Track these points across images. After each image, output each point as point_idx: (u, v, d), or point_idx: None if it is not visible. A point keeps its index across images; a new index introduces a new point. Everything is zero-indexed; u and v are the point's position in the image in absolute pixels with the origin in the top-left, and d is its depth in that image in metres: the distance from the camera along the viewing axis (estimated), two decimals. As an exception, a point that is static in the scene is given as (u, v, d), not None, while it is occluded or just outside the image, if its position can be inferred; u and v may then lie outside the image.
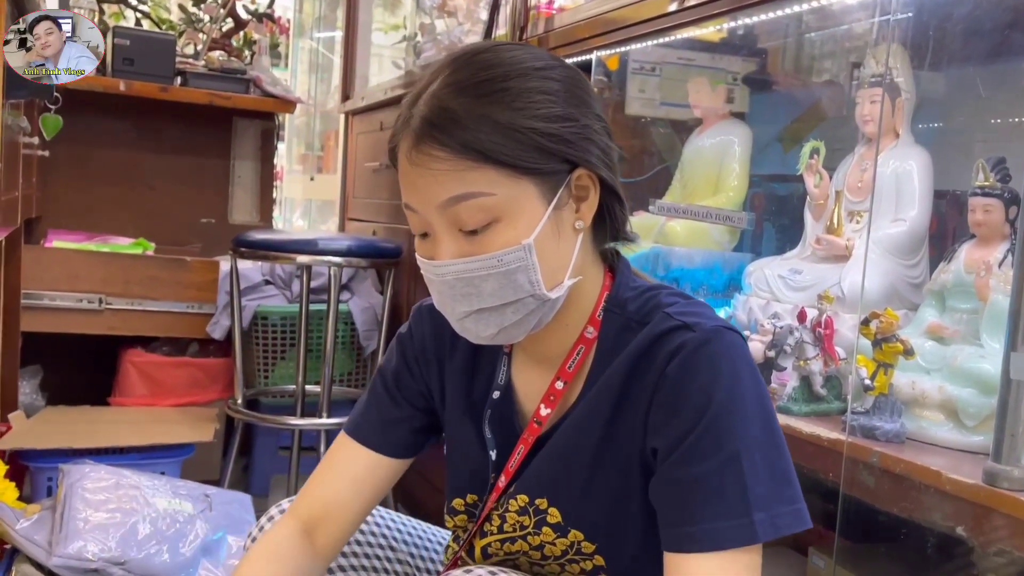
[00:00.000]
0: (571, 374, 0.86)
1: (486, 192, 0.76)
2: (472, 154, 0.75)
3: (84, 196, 2.75)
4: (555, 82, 0.79)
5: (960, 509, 0.93)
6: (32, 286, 2.24)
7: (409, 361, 0.97)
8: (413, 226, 0.82)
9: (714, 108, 1.71)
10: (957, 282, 1.14)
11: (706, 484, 0.74)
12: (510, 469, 0.89)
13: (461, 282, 0.79)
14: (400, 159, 0.80)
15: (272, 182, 3.07)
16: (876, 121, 1.31)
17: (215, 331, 2.41)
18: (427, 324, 0.97)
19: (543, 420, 0.87)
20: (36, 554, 1.42)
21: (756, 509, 0.73)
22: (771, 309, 1.35)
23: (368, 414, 0.98)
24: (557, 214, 0.79)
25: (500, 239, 0.77)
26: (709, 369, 0.76)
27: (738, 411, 0.75)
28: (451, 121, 0.75)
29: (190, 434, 2.13)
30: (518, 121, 0.76)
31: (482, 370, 0.94)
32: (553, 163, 0.78)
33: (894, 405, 1.08)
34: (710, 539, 0.73)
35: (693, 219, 1.56)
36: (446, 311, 0.83)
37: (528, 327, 0.82)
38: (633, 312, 0.85)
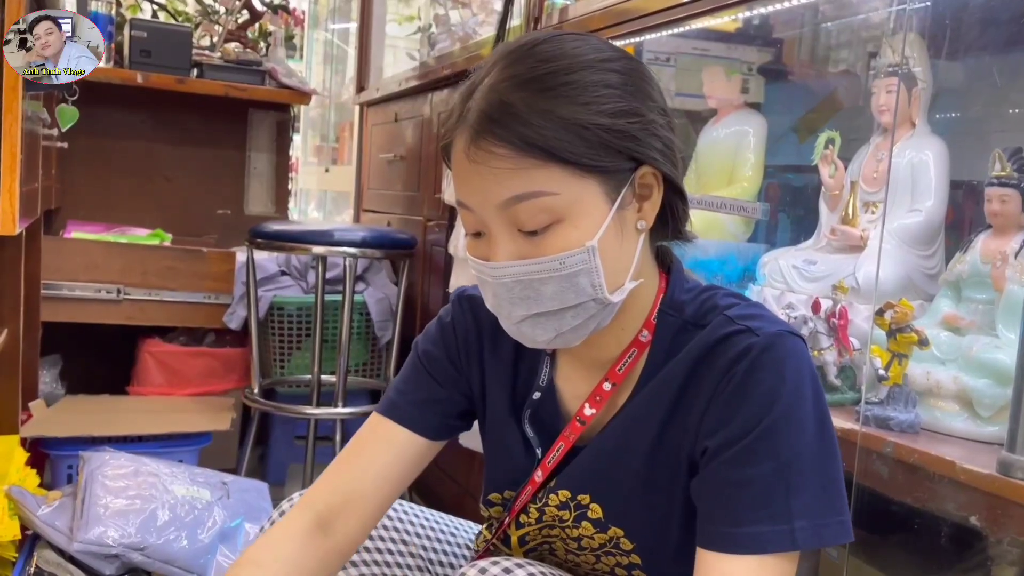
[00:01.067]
0: (621, 376, 0.84)
1: (549, 192, 0.73)
2: (536, 151, 0.71)
3: (102, 187, 2.77)
4: (619, 75, 0.75)
5: (974, 499, 0.93)
6: (51, 276, 2.27)
7: (450, 349, 0.94)
8: (467, 224, 0.79)
9: (729, 98, 1.71)
10: (973, 272, 1.13)
11: (754, 488, 0.73)
12: (547, 464, 0.88)
13: (520, 285, 0.76)
14: (455, 155, 0.77)
15: (287, 173, 3.09)
16: (892, 111, 1.31)
17: (232, 321, 2.43)
18: (469, 316, 0.94)
19: (587, 419, 0.86)
20: (57, 540, 1.44)
21: (798, 517, 0.72)
22: (785, 300, 1.35)
23: (405, 393, 0.94)
24: (620, 214, 0.76)
25: (562, 240, 0.74)
26: (773, 375, 0.74)
27: (796, 419, 0.74)
28: (512, 116, 0.72)
29: (207, 423, 2.15)
30: (583, 117, 0.72)
31: (524, 369, 0.91)
32: (618, 161, 0.75)
33: (908, 395, 1.08)
34: (750, 542, 0.73)
35: (707, 210, 1.56)
36: (501, 314, 0.80)
37: (586, 332, 0.79)
38: (690, 315, 0.82)
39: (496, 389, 0.92)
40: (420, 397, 0.94)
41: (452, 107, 0.78)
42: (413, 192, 2.54)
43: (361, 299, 2.45)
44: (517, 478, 0.91)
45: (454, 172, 0.78)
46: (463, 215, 0.79)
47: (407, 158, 2.61)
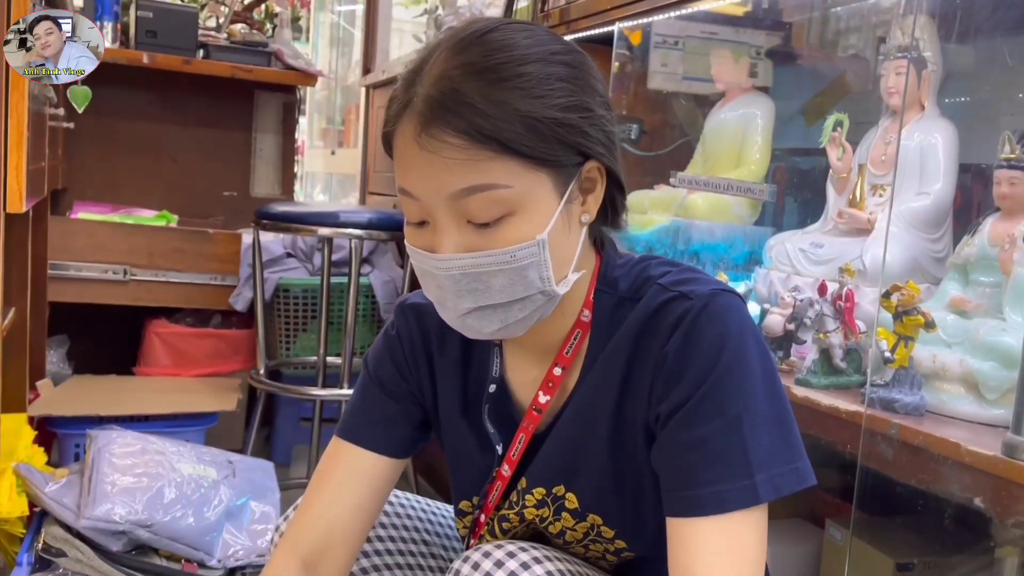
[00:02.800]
0: (569, 359, 0.84)
1: (503, 184, 0.72)
2: (490, 143, 0.70)
3: (109, 168, 2.78)
4: (568, 68, 0.75)
5: (978, 481, 0.94)
6: (58, 257, 2.28)
7: (399, 362, 0.93)
8: (409, 213, 0.77)
9: (737, 81, 1.70)
10: (981, 255, 1.13)
11: (708, 447, 0.74)
12: (512, 458, 0.88)
13: (468, 277, 0.75)
14: (400, 143, 0.75)
15: (293, 155, 3.09)
16: (901, 93, 1.30)
17: (238, 303, 2.44)
18: (413, 324, 0.93)
19: (543, 407, 0.86)
20: (65, 516, 1.46)
21: (758, 470, 0.73)
22: (792, 283, 1.35)
23: (362, 413, 0.93)
24: (568, 207, 0.76)
25: (513, 233, 0.73)
26: (712, 333, 0.75)
27: (740, 373, 0.74)
28: (467, 106, 0.70)
29: (213, 403, 2.16)
30: (538, 110, 0.71)
31: (474, 365, 0.91)
32: (568, 155, 0.75)
33: (914, 378, 1.08)
34: (713, 502, 0.73)
35: (714, 191, 1.55)
36: (446, 306, 0.78)
37: (531, 322, 0.79)
38: (625, 289, 0.83)
39: (448, 393, 0.91)
40: (376, 416, 0.93)
41: (394, 93, 0.77)
42: (419, 175, 2.53)
43: (367, 281, 2.45)
44: (481, 482, 0.91)
45: (398, 160, 0.76)
46: (405, 203, 0.77)
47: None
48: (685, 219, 1.62)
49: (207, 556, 1.49)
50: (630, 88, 1.92)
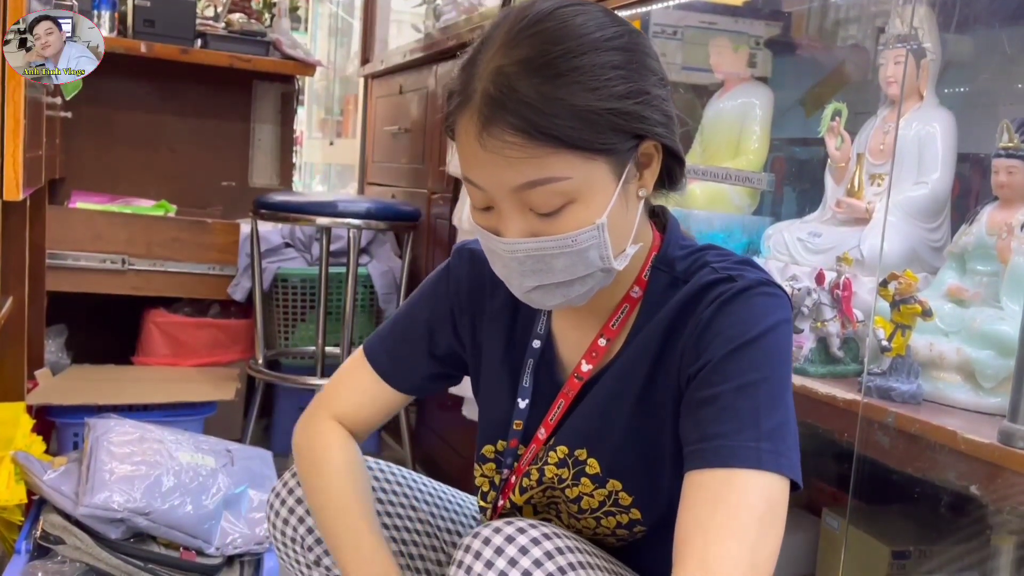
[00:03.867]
0: (615, 332, 0.87)
1: (562, 177, 0.74)
2: (549, 140, 0.73)
3: (107, 158, 2.77)
4: (623, 52, 0.76)
5: (975, 469, 0.94)
6: (57, 246, 2.27)
7: (442, 307, 0.98)
8: (475, 200, 0.81)
9: (736, 71, 1.70)
10: (978, 244, 1.13)
11: (721, 402, 0.76)
12: (550, 422, 0.90)
13: (531, 259, 0.78)
14: (462, 138, 0.78)
15: (292, 146, 3.08)
16: (900, 82, 1.30)
17: (236, 292, 2.44)
18: (465, 271, 0.97)
19: (584, 376, 0.88)
20: (63, 504, 1.46)
21: (766, 438, 0.74)
22: (789, 272, 1.35)
23: (386, 344, 1.00)
24: (625, 188, 0.79)
25: (574, 220, 0.76)
26: (746, 310, 0.78)
27: (766, 349, 0.77)
28: (524, 105, 0.72)
29: (212, 392, 2.17)
30: (594, 103, 0.73)
31: (521, 319, 0.94)
32: (625, 140, 0.77)
33: (911, 366, 1.08)
34: (718, 454, 0.74)
35: (712, 180, 1.55)
36: (512, 283, 0.82)
37: (590, 295, 0.82)
38: (680, 271, 0.85)
39: (491, 340, 0.95)
40: (398, 353, 1.00)
41: (454, 81, 0.79)
42: (418, 165, 2.54)
43: (365, 271, 2.45)
44: (501, 429, 0.94)
45: (461, 152, 0.79)
46: (471, 191, 0.80)
47: (412, 131, 2.60)
48: (683, 209, 1.62)
49: (205, 544, 1.49)
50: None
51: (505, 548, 0.78)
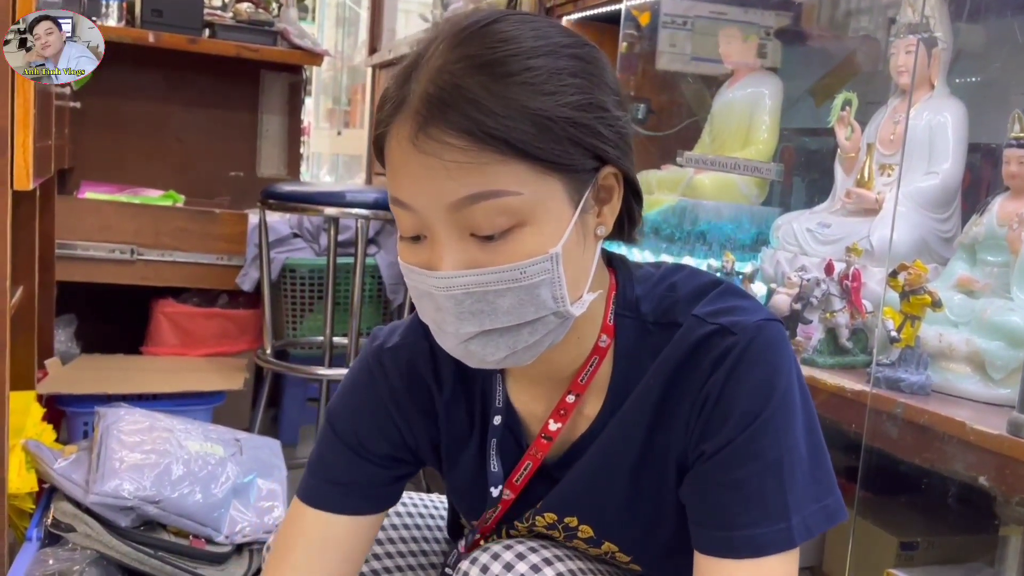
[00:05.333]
0: (584, 387, 0.77)
1: (511, 191, 0.64)
2: (497, 144, 0.62)
3: (115, 148, 2.77)
4: (581, 62, 0.67)
5: (983, 459, 0.94)
6: (66, 236, 2.28)
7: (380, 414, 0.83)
8: (403, 227, 0.69)
9: (745, 61, 1.69)
10: (989, 235, 1.13)
11: (747, 489, 0.70)
12: (515, 483, 0.81)
13: (471, 297, 0.66)
14: (393, 146, 0.67)
15: (299, 136, 3.08)
16: (911, 72, 1.29)
17: (244, 283, 2.44)
18: (394, 375, 0.83)
19: (552, 435, 0.79)
20: (74, 492, 1.47)
21: (794, 513, 0.70)
22: (798, 262, 1.34)
23: (326, 475, 0.84)
24: (583, 218, 0.69)
25: (522, 247, 0.65)
26: (758, 375, 0.71)
27: (784, 417, 0.71)
28: (469, 102, 0.62)
29: (220, 382, 2.17)
30: (550, 109, 0.64)
31: (475, 398, 0.83)
32: (583, 159, 0.67)
33: (920, 357, 1.08)
34: (748, 545, 0.70)
35: (721, 171, 1.55)
36: (446, 331, 0.69)
37: (541, 349, 0.71)
38: (649, 312, 0.76)
39: (448, 431, 0.84)
40: (347, 478, 0.83)
41: (385, 93, 0.69)
42: (425, 155, 2.53)
43: (373, 262, 2.45)
44: (480, 513, 0.85)
45: (391, 166, 0.68)
46: (399, 215, 0.68)
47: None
48: (692, 199, 1.62)
49: (215, 532, 1.50)
50: (638, 68, 1.91)
51: None
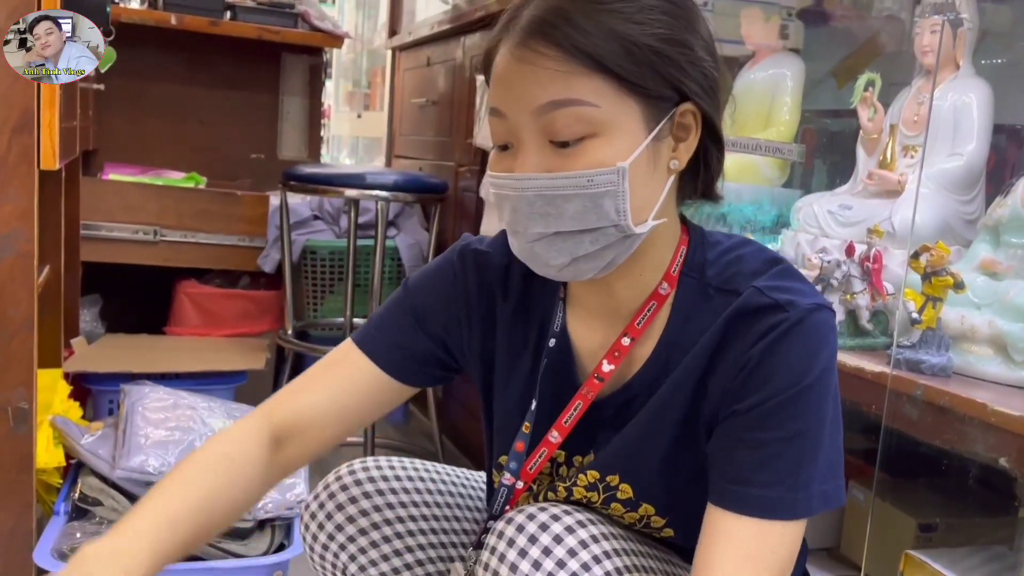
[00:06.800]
0: (640, 331, 0.81)
1: (590, 102, 0.71)
2: (584, 58, 0.70)
3: (138, 130, 2.80)
4: (674, 6, 0.74)
5: (1004, 441, 0.93)
6: (90, 217, 2.31)
7: (447, 303, 0.89)
8: (496, 135, 0.76)
9: (767, 42, 1.68)
10: (1013, 217, 1.12)
11: (770, 451, 0.73)
12: (563, 425, 0.84)
13: (542, 199, 0.73)
14: (498, 60, 0.75)
15: (320, 118, 3.09)
16: (935, 52, 1.28)
17: (265, 264, 2.46)
18: (471, 274, 0.89)
19: (605, 376, 0.82)
20: (100, 467, 1.50)
21: (805, 486, 0.73)
22: (819, 244, 1.34)
23: (386, 331, 0.90)
24: (655, 145, 0.74)
25: (594, 157, 0.71)
26: (800, 349, 0.74)
27: (818, 395, 0.73)
28: (565, 21, 0.71)
29: (242, 362, 2.20)
30: (635, 35, 0.71)
31: (534, 317, 0.87)
32: (663, 88, 0.73)
33: (941, 339, 1.08)
34: (757, 504, 0.72)
35: (742, 151, 1.54)
36: (517, 231, 0.76)
37: (602, 264, 0.75)
38: (712, 277, 0.80)
39: (504, 343, 0.88)
40: (399, 340, 0.89)
41: (504, 17, 0.77)
42: (445, 138, 2.54)
43: (393, 244, 2.46)
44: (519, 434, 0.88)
45: (494, 78, 0.76)
46: (494, 125, 0.76)
47: (439, 103, 2.60)
48: (712, 181, 1.61)
49: (237, 508, 1.52)
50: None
51: (539, 536, 0.76)
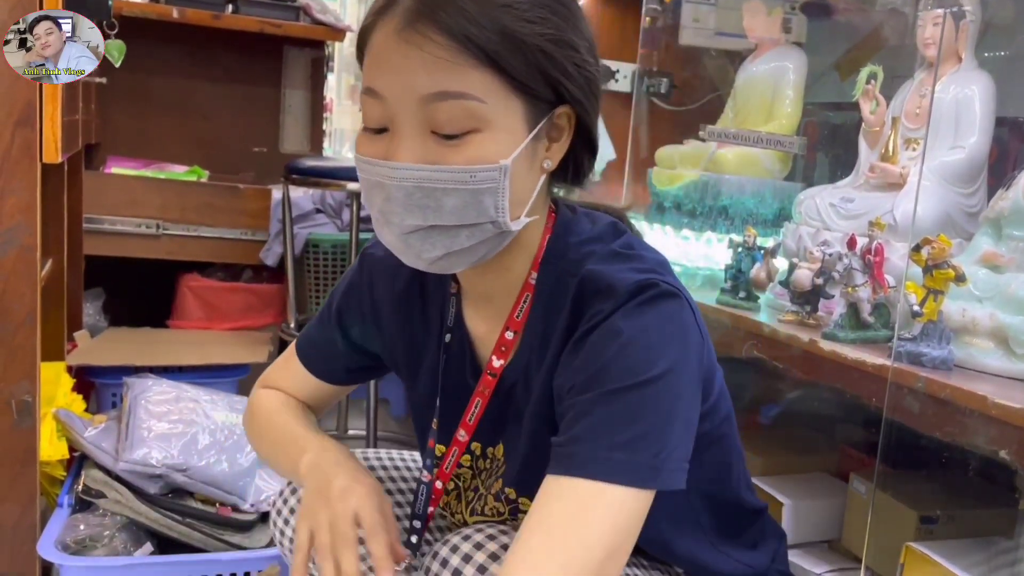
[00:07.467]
0: (520, 323, 0.82)
1: (478, 96, 0.70)
2: (476, 52, 0.69)
3: (140, 124, 2.80)
4: (561, 5, 0.74)
5: (1005, 434, 0.94)
6: (93, 211, 2.31)
7: (354, 307, 0.94)
8: (370, 117, 0.74)
9: (770, 35, 1.67)
10: (1015, 209, 1.11)
11: (578, 408, 0.71)
12: (468, 423, 0.86)
13: (421, 192, 0.71)
14: (379, 38, 0.72)
15: (322, 112, 3.09)
16: (938, 44, 1.28)
17: (268, 257, 2.47)
18: (370, 280, 0.93)
19: (497, 371, 0.84)
20: (104, 460, 1.50)
21: (619, 450, 0.68)
22: (821, 237, 1.34)
23: (312, 337, 0.99)
24: (533, 144, 0.74)
25: (476, 152, 0.71)
26: (626, 321, 0.72)
27: (645, 351, 0.71)
28: (460, 10, 0.68)
29: (245, 355, 2.20)
30: (527, 34, 0.70)
31: (432, 314, 0.89)
32: (546, 90, 0.73)
33: (943, 332, 1.08)
34: (566, 461, 0.69)
35: (744, 144, 1.54)
36: (391, 222, 0.74)
37: (474, 257, 0.76)
38: (569, 262, 0.79)
39: (405, 341, 0.92)
40: (324, 348, 0.98)
41: None
42: (447, 131, 2.53)
43: (395, 237, 2.46)
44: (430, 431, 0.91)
45: (372, 57, 0.73)
46: (368, 106, 0.74)
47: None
48: (714, 174, 1.61)
49: (241, 500, 1.53)
50: (660, 43, 1.90)
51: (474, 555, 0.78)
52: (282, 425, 0.96)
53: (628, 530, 0.69)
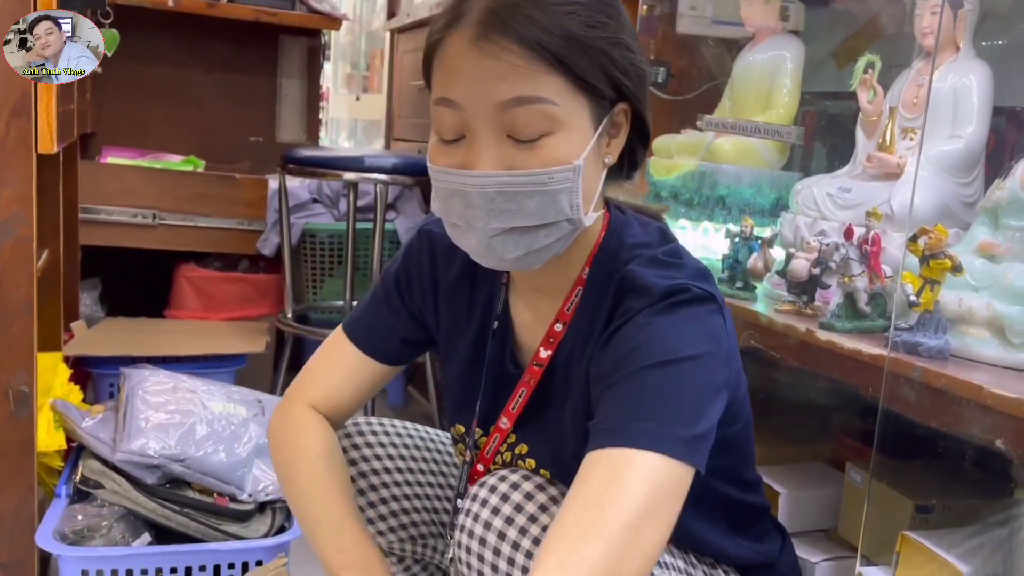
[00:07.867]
0: (569, 316, 0.85)
1: (552, 100, 0.74)
2: (548, 57, 0.73)
3: (136, 113, 2.79)
4: (610, 7, 0.78)
5: (1001, 423, 0.94)
6: (89, 201, 2.31)
7: (407, 281, 0.97)
8: (445, 127, 0.77)
9: (767, 23, 1.67)
10: (1012, 199, 1.11)
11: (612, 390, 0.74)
12: (511, 411, 0.89)
13: (503, 196, 0.74)
14: (451, 51, 0.75)
15: (319, 101, 3.08)
16: (935, 33, 1.27)
17: (265, 247, 2.47)
18: (427, 252, 0.95)
19: (543, 362, 0.87)
20: (101, 450, 1.50)
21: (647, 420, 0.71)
22: (818, 227, 1.34)
23: (365, 316, 1.00)
24: (598, 142, 0.78)
25: (552, 154, 0.75)
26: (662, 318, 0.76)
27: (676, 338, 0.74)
28: (529, 19, 0.73)
29: (243, 345, 2.20)
30: (591, 39, 0.75)
31: (479, 297, 0.93)
32: (609, 90, 0.77)
33: (939, 322, 1.08)
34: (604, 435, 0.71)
35: (741, 134, 1.54)
36: (474, 227, 0.77)
37: (551, 253, 0.80)
38: (619, 261, 0.83)
39: (451, 321, 0.94)
40: (376, 323, 0.99)
41: (439, 14, 0.79)
42: (444, 120, 2.53)
43: (392, 227, 2.46)
44: (467, 411, 0.94)
45: (445, 69, 0.76)
46: (443, 116, 0.77)
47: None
48: (711, 164, 1.61)
49: (238, 490, 1.53)
50: (658, 31, 1.89)
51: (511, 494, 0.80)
52: (323, 500, 0.92)
53: (665, 493, 0.69)
